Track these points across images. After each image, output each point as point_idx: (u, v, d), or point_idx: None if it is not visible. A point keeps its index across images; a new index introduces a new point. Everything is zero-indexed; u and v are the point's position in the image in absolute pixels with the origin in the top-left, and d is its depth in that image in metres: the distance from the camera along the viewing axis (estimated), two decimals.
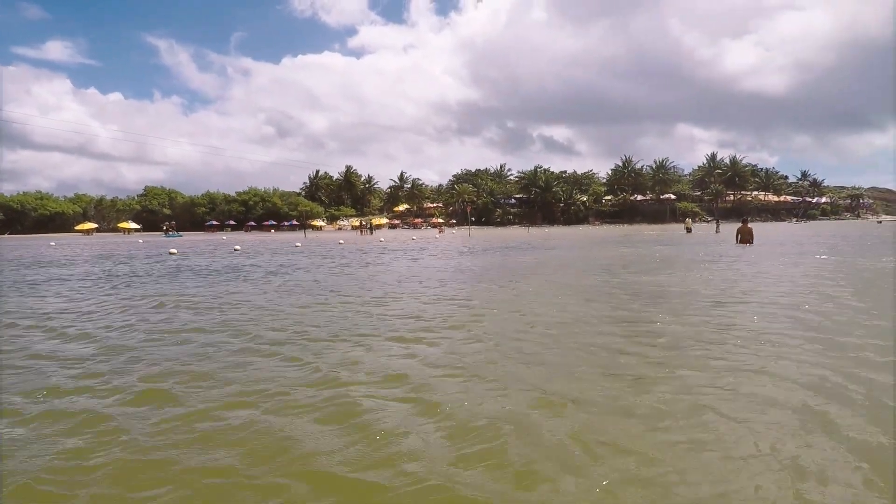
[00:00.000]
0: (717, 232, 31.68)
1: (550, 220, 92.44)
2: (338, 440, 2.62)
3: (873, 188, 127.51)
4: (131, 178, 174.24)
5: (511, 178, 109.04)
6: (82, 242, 39.21)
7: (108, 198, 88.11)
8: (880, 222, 65.66)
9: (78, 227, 71.28)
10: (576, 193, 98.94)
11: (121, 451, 2.54)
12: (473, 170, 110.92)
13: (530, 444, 2.53)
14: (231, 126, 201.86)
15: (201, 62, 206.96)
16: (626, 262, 13.24)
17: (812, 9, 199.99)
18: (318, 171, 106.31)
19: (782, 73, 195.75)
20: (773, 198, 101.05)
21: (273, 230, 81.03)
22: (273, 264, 14.46)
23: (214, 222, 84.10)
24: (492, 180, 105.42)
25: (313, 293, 8.21)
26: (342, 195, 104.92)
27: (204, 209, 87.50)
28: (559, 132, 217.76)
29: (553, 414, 2.90)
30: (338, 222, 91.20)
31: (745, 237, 18.78)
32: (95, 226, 73.93)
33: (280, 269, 13.01)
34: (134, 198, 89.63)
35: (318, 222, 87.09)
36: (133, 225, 75.21)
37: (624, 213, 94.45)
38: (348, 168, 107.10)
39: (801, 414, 2.81)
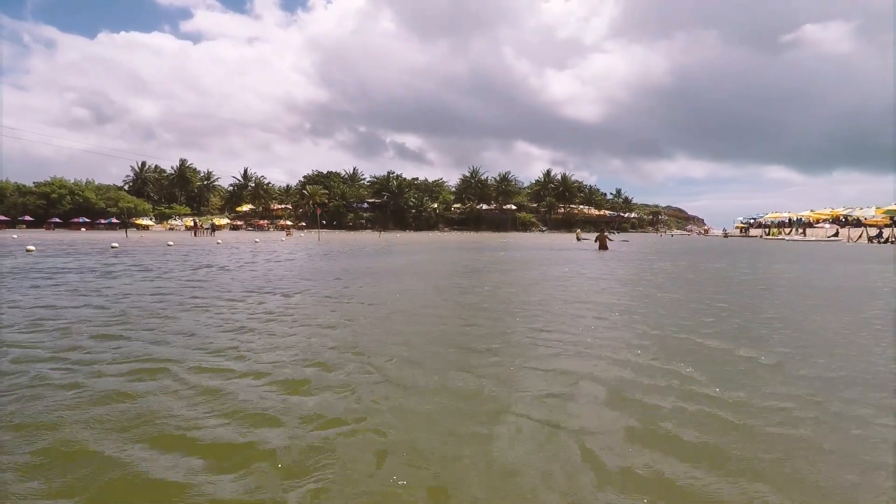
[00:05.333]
0: (595, 241, 36.69)
1: (402, 225, 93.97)
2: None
3: (669, 206, 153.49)
4: None
5: (364, 182, 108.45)
6: None
7: None
8: (672, 236, 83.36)
9: None
10: (427, 200, 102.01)
11: None
12: (325, 172, 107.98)
13: None
14: (30, 104, 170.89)
15: None
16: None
17: (613, 53, 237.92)
18: (144, 164, 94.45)
19: (595, 104, 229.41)
20: (594, 211, 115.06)
21: (85, 228, 69.75)
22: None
23: (3, 217, 69.65)
24: (344, 183, 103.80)
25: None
26: (175, 192, 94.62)
27: None
28: (411, 140, 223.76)
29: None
30: (169, 221, 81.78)
31: (603, 244, 24.26)
32: None
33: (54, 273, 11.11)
34: None
35: (145, 221, 77.25)
36: None
37: (471, 221, 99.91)
38: (182, 162, 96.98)
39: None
